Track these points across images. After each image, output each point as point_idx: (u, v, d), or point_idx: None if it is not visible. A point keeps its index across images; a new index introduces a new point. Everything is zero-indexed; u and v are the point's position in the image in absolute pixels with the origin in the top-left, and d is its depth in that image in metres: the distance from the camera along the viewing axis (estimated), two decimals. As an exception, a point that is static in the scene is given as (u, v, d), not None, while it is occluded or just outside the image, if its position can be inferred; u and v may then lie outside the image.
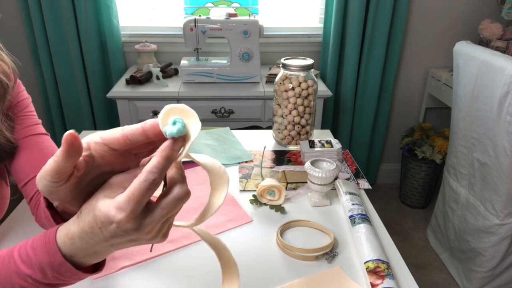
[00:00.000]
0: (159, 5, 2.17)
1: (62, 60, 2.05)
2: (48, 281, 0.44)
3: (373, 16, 2.03)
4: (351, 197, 0.87)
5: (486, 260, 1.56)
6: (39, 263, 0.42)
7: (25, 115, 0.73)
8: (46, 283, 0.44)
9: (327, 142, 1.10)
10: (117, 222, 0.37)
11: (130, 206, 0.36)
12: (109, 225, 0.38)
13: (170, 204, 0.38)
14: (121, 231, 0.38)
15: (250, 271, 0.71)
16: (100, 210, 0.38)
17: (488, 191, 1.49)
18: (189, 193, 0.39)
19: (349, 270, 0.72)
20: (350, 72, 2.15)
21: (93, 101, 2.16)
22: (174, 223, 0.44)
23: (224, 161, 1.09)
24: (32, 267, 0.43)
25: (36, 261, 0.42)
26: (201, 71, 1.87)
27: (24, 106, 0.73)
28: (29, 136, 0.72)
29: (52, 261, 0.42)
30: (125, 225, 0.37)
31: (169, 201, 0.38)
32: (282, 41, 2.20)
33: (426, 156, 2.10)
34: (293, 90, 1.11)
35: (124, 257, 0.73)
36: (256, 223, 0.85)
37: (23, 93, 0.74)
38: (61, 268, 0.42)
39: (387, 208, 2.36)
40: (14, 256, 0.44)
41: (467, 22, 2.20)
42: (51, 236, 0.42)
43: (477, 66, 1.45)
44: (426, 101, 2.34)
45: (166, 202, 0.38)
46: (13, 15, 2.05)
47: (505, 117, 1.34)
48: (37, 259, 0.42)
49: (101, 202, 0.38)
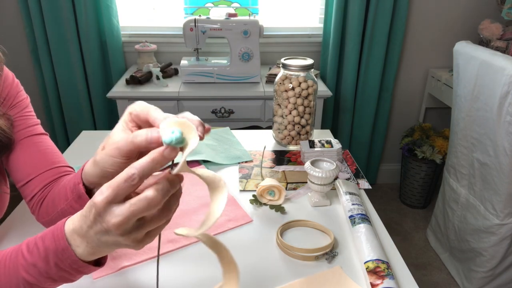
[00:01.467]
0: (159, 5, 2.17)
1: (62, 60, 2.05)
2: (50, 272, 0.45)
3: (373, 16, 2.03)
4: (351, 197, 0.87)
5: (486, 260, 1.56)
6: (45, 250, 0.45)
7: (24, 116, 0.73)
8: (47, 277, 0.46)
9: (327, 142, 1.10)
10: (94, 203, 0.40)
11: (108, 191, 0.39)
12: (92, 207, 0.41)
13: (138, 202, 0.40)
14: (96, 214, 0.41)
15: (250, 271, 0.71)
16: (97, 205, 0.41)
17: (488, 191, 1.49)
18: (156, 201, 0.40)
19: (349, 270, 0.72)
20: (350, 72, 2.15)
21: (93, 101, 2.16)
22: (175, 231, 0.46)
23: (224, 161, 1.09)
24: (38, 255, 0.45)
25: (43, 248, 0.45)
26: (201, 71, 1.87)
27: (23, 106, 0.73)
28: (28, 136, 0.72)
29: (57, 246, 0.44)
30: (99, 208, 0.40)
31: (138, 198, 0.40)
32: (282, 41, 2.20)
33: (426, 156, 2.10)
34: (293, 90, 1.11)
35: (124, 257, 0.73)
36: (256, 223, 0.85)
37: (21, 93, 0.74)
38: (64, 254, 0.44)
39: (387, 208, 2.36)
40: (22, 249, 0.46)
41: (467, 22, 2.20)
42: (59, 224, 0.45)
43: (477, 66, 1.45)
44: (426, 101, 2.34)
45: (135, 199, 0.40)
46: (13, 15, 2.05)
47: (505, 117, 1.34)
48: (44, 246, 0.45)
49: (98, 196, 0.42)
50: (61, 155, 0.75)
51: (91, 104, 2.19)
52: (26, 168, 0.70)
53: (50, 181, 0.70)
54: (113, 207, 0.40)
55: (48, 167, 0.71)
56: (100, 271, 0.69)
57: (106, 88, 2.11)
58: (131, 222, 0.41)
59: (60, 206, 0.63)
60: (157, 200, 0.40)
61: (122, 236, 0.41)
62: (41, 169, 0.70)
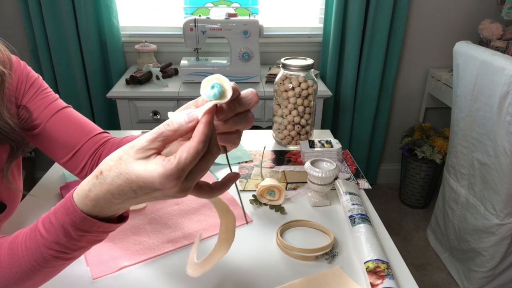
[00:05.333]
0: (159, 5, 2.17)
1: (62, 60, 2.05)
2: (75, 242, 0.45)
3: (373, 16, 2.03)
4: (351, 197, 0.87)
5: (486, 260, 1.56)
6: (61, 225, 0.44)
7: (42, 95, 0.73)
8: (74, 248, 0.46)
9: (327, 142, 1.10)
10: (163, 189, 0.39)
11: (178, 173, 0.38)
12: (151, 191, 0.40)
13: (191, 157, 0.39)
14: (164, 195, 0.40)
15: (250, 271, 0.71)
16: (140, 175, 0.39)
17: (488, 191, 1.49)
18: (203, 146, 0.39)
19: (349, 270, 0.72)
20: (350, 72, 2.15)
21: (93, 101, 2.17)
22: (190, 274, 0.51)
23: (224, 161, 1.09)
24: (56, 233, 0.44)
25: (58, 225, 0.44)
26: (201, 71, 1.87)
27: (37, 85, 0.73)
28: (55, 113, 0.72)
29: (73, 219, 0.43)
30: (171, 191, 0.39)
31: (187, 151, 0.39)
32: (282, 41, 2.20)
33: (426, 156, 2.10)
34: (293, 90, 1.11)
35: (124, 257, 0.73)
36: (256, 223, 0.85)
37: (32, 74, 0.73)
38: (85, 225, 0.44)
39: (387, 208, 2.36)
40: (39, 228, 0.46)
41: (467, 22, 2.20)
42: (68, 197, 0.44)
43: (477, 66, 1.45)
44: (426, 101, 2.34)
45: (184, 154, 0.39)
46: (13, 15, 2.05)
47: (505, 117, 1.34)
48: (59, 222, 0.44)
49: (136, 166, 0.39)
50: (92, 123, 0.77)
51: (91, 104, 2.19)
52: (66, 142, 0.72)
53: (97, 148, 0.73)
54: (186, 182, 0.40)
55: (88, 135, 0.73)
56: (100, 271, 0.69)
57: (106, 88, 2.11)
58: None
59: None
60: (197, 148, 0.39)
61: (176, 194, 0.41)
62: (83, 140, 0.73)
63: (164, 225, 0.82)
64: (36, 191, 0.96)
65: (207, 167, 0.41)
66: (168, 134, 0.39)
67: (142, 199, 0.42)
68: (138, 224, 0.82)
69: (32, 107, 0.71)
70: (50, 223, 0.44)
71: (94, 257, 0.73)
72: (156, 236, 0.79)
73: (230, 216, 0.54)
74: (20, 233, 0.48)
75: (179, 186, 0.39)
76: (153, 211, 0.86)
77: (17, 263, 0.46)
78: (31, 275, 0.47)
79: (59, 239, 0.44)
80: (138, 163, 0.39)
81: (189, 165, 0.38)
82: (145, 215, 0.85)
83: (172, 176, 0.38)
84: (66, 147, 0.72)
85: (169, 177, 0.38)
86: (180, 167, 0.38)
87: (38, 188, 0.97)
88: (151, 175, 0.38)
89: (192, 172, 0.40)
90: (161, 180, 0.38)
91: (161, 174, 0.38)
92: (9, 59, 0.69)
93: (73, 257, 0.47)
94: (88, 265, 0.71)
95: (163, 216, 0.85)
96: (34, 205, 0.90)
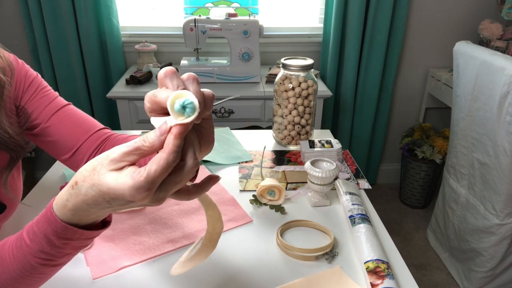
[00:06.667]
0: (159, 5, 2.17)
1: (62, 60, 2.05)
2: (60, 250, 0.45)
3: (373, 16, 2.03)
4: (351, 197, 0.87)
5: (486, 260, 1.56)
6: (44, 234, 0.44)
7: (42, 94, 0.73)
8: (60, 255, 0.46)
9: (327, 142, 1.10)
10: (134, 201, 0.39)
11: (148, 185, 0.37)
12: (124, 203, 0.39)
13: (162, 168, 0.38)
14: (139, 205, 0.40)
15: (250, 271, 0.71)
16: (110, 188, 0.39)
17: (488, 191, 1.49)
18: (175, 157, 0.38)
19: (349, 270, 0.72)
20: (350, 72, 2.15)
21: (93, 101, 2.17)
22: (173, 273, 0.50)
23: (224, 161, 1.09)
24: (40, 242, 0.44)
25: (41, 234, 0.44)
26: (201, 71, 1.87)
27: (36, 84, 0.73)
28: (56, 112, 0.72)
29: (54, 229, 0.43)
30: (142, 202, 0.39)
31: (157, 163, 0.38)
32: (282, 41, 2.20)
33: (426, 156, 2.10)
34: (293, 90, 1.11)
35: (124, 257, 0.73)
36: (256, 223, 0.85)
37: (30, 72, 0.73)
38: (67, 234, 0.44)
39: (387, 208, 2.36)
40: (24, 237, 0.46)
41: (467, 22, 2.19)
42: (48, 207, 0.44)
43: (477, 66, 1.45)
44: (426, 101, 2.34)
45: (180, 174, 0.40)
46: (13, 15, 2.04)
47: (505, 117, 1.34)
48: (41, 232, 0.44)
49: (108, 178, 0.39)
50: (93, 119, 0.77)
51: (91, 104, 2.19)
52: (67, 140, 0.72)
53: (99, 144, 0.73)
54: (157, 193, 0.40)
55: (89, 132, 0.74)
56: (100, 271, 0.69)
57: (106, 88, 2.11)
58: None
59: None
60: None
61: (149, 203, 0.41)
62: (84, 137, 0.73)
63: (164, 225, 0.82)
64: (36, 191, 0.96)
65: (182, 179, 0.40)
66: (144, 149, 0.39)
67: (118, 209, 0.42)
68: (138, 224, 0.82)
69: (32, 107, 0.71)
70: (33, 232, 0.45)
71: (94, 257, 0.73)
72: (156, 236, 0.79)
73: (214, 208, 0.53)
74: (8, 241, 0.48)
75: (151, 197, 0.39)
76: (153, 211, 0.86)
77: (6, 270, 0.47)
78: (22, 281, 0.47)
79: (43, 248, 0.44)
80: (110, 175, 0.39)
81: (160, 177, 0.38)
82: (145, 215, 0.85)
83: (142, 189, 0.37)
84: (67, 145, 0.72)
85: (139, 190, 0.37)
86: (150, 179, 0.37)
87: (38, 188, 0.97)
88: (121, 187, 0.38)
89: (165, 183, 0.39)
90: (130, 192, 0.38)
91: (130, 186, 0.38)
92: (10, 66, 0.68)
93: (61, 263, 0.48)
94: (88, 265, 0.71)
95: (163, 216, 0.85)
96: (34, 205, 0.90)
